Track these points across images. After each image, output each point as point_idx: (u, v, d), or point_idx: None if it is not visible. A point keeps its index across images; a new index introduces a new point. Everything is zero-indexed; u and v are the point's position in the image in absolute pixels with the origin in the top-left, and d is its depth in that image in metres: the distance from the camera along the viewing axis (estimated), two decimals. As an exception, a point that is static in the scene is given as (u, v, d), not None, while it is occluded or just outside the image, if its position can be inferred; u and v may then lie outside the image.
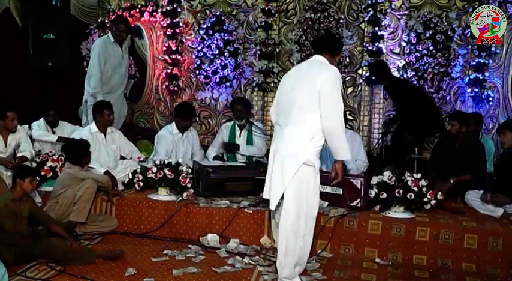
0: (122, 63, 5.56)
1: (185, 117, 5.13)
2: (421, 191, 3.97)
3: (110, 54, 5.42)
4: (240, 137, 5.24)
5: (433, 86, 6.04)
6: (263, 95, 6.73)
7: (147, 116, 7.16)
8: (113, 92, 5.49)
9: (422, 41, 6.02)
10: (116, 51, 5.47)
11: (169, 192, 4.41)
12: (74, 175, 4.09)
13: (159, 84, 7.05)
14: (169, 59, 6.75)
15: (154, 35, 6.99)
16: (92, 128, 4.87)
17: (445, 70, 6.00)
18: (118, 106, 5.50)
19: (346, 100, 6.58)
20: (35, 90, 6.63)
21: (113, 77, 5.49)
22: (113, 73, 5.48)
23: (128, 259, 3.61)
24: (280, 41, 6.64)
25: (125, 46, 5.62)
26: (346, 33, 6.40)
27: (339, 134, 3.16)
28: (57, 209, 4.02)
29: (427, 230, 3.78)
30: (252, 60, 6.72)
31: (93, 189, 4.04)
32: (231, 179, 4.53)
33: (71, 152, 4.22)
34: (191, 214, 4.20)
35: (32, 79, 6.65)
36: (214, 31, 6.63)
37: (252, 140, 5.21)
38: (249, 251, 3.88)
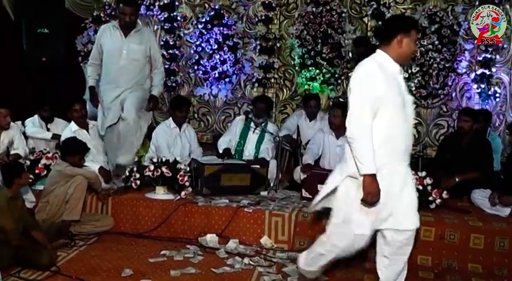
0: (123, 54, 4.70)
1: (180, 107, 5.12)
2: (425, 189, 3.96)
3: (106, 41, 4.75)
4: (254, 133, 5.24)
5: (438, 81, 6.03)
6: (263, 91, 6.72)
7: (144, 113, 7.14)
8: (116, 88, 4.76)
9: (428, 36, 6.02)
10: (114, 38, 4.73)
11: (167, 191, 4.40)
12: (61, 171, 4.08)
13: (157, 80, 7.03)
14: (167, 54, 6.74)
15: (152, 29, 6.98)
16: (72, 126, 4.79)
17: (451, 65, 6.00)
18: (115, 111, 4.76)
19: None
20: (29, 86, 6.61)
21: (111, 68, 4.77)
22: (110, 64, 4.77)
23: (125, 260, 3.61)
24: (281, 36, 6.64)
25: (134, 34, 4.74)
26: (348, 27, 6.39)
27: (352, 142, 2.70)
28: (48, 209, 4.01)
29: (432, 230, 3.77)
30: (252, 55, 6.72)
31: (83, 185, 4.03)
32: (226, 170, 4.52)
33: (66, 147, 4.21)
34: (189, 214, 4.20)
35: (26, 75, 6.63)
36: (213, 25, 6.63)
37: (263, 138, 5.20)
38: (248, 251, 3.87)
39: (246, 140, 5.23)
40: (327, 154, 4.90)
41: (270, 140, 5.20)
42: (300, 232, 3.98)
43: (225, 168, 4.54)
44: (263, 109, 5.23)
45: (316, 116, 5.76)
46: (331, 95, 6.56)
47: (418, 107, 6.34)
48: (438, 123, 6.37)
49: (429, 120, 6.36)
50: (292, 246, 3.97)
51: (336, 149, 4.82)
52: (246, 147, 5.22)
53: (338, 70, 6.39)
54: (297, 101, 6.72)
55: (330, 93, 6.54)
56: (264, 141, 5.20)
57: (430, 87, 6.11)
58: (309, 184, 4.40)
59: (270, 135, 5.19)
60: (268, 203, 4.29)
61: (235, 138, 5.26)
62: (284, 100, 6.86)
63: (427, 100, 6.21)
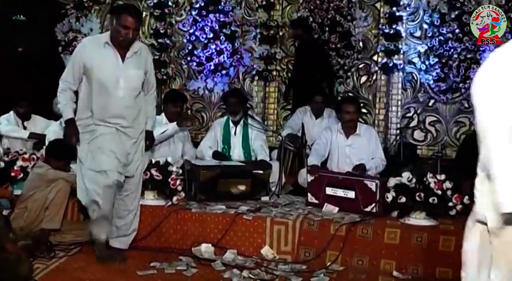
0: (120, 83, 3.72)
1: (174, 100, 5.11)
2: (445, 194, 3.96)
3: (95, 62, 3.70)
4: (236, 134, 5.23)
5: (458, 74, 6.04)
6: (264, 85, 6.73)
7: (132, 109, 7.14)
8: (108, 124, 3.77)
9: (447, 23, 6.02)
10: (107, 59, 3.73)
11: (157, 196, 4.39)
12: (42, 175, 4.07)
13: (145, 72, 7.03)
14: (157, 44, 6.74)
15: (140, 16, 6.97)
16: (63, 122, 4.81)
17: (473, 56, 6.00)
18: (112, 145, 3.76)
19: (360, 91, 6.57)
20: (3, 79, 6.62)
21: (101, 99, 3.75)
22: (102, 94, 3.73)
23: (110, 273, 3.59)
24: (283, 23, 6.64)
25: (132, 55, 3.78)
26: (359, 14, 6.39)
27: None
28: (26, 216, 4.00)
29: (453, 240, 3.76)
30: (252, 45, 6.72)
31: (66, 190, 4.03)
32: (225, 175, 4.52)
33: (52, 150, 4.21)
34: (182, 221, 4.19)
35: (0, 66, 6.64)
36: (208, 12, 6.63)
37: (248, 136, 5.19)
38: (248, 263, 3.86)
39: (231, 145, 5.22)
40: (335, 155, 4.89)
41: (259, 133, 5.17)
42: (305, 242, 3.97)
43: (224, 173, 4.53)
44: (235, 104, 5.19)
45: (322, 113, 5.76)
46: (340, 90, 6.55)
47: (437, 102, 6.35)
48: (459, 120, 6.37)
49: (449, 117, 6.36)
50: (297, 257, 3.95)
51: (345, 149, 4.82)
52: (233, 151, 5.20)
53: (347, 61, 6.39)
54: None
55: (338, 87, 6.54)
56: (252, 138, 5.18)
57: (450, 81, 6.11)
58: (315, 188, 4.39)
59: (256, 129, 5.17)
60: (270, 210, 4.29)
61: (215, 145, 5.23)
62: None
63: (447, 95, 6.21)
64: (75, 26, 6.72)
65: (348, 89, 6.58)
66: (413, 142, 6.40)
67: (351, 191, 4.20)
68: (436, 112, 6.38)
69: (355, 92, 6.61)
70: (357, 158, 4.76)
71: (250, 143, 5.19)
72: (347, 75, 6.49)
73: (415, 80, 6.43)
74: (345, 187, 4.24)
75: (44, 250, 3.85)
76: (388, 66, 6.22)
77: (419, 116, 6.41)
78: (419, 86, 6.42)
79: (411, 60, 6.40)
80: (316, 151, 4.90)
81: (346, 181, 4.28)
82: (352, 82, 6.60)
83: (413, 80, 6.44)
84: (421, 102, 6.44)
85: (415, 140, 6.44)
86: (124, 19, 3.64)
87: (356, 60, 6.46)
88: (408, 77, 6.43)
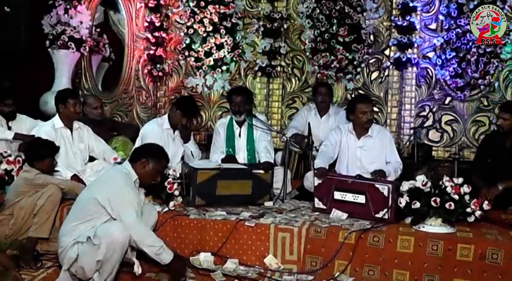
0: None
1: (186, 111, 5.01)
2: (463, 199, 3.96)
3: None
4: (240, 136, 5.23)
5: (477, 70, 6.03)
6: (268, 82, 6.74)
7: (125, 108, 7.17)
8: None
9: (465, 15, 6.01)
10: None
11: (152, 201, 4.41)
12: (31, 180, 4.08)
13: (140, 68, 7.07)
14: (152, 38, 6.77)
15: (134, 8, 7.01)
16: (56, 122, 4.84)
17: (493, 50, 6.00)
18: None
19: (370, 87, 6.58)
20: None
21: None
22: None
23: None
24: (288, 15, 6.65)
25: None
26: (370, 5, 6.40)
27: None
28: (12, 223, 4.01)
29: (471, 248, 3.76)
30: (254, 39, 6.73)
31: (57, 197, 4.04)
32: (223, 176, 4.52)
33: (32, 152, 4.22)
34: (179, 228, 4.20)
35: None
36: (207, 3, 6.63)
37: (253, 138, 5.19)
38: (250, 273, 3.88)
39: (235, 148, 5.24)
40: (345, 157, 4.89)
41: (263, 133, 5.17)
42: (312, 251, 3.97)
43: (222, 174, 4.55)
44: (241, 103, 5.16)
45: (328, 110, 5.76)
46: (349, 87, 6.56)
47: (454, 100, 6.35)
48: (477, 119, 6.36)
49: (466, 116, 6.36)
50: (303, 267, 3.96)
51: (356, 151, 4.81)
52: (238, 155, 5.22)
53: (357, 56, 6.39)
54: (308, 94, 6.72)
55: (347, 84, 6.54)
56: (256, 139, 5.18)
57: (468, 77, 6.10)
58: (323, 192, 4.40)
59: (260, 129, 5.17)
60: (274, 216, 4.29)
61: (221, 148, 5.24)
62: (292, 92, 6.87)
63: (464, 92, 6.21)
64: (63, 18, 6.69)
65: (357, 86, 6.59)
66: (428, 142, 6.40)
67: (361, 196, 4.20)
68: (452, 110, 6.38)
69: (366, 89, 6.61)
70: (368, 161, 4.76)
71: (255, 145, 5.20)
72: (357, 71, 6.49)
73: (430, 76, 6.43)
74: (354, 191, 4.24)
75: (31, 260, 3.87)
76: (401, 61, 6.22)
77: (435, 114, 6.41)
78: (435, 82, 6.42)
79: (426, 55, 6.40)
80: (323, 153, 4.85)
81: (356, 185, 4.27)
82: (363, 78, 6.60)
83: (428, 76, 6.44)
84: (436, 100, 6.44)
85: (430, 141, 6.44)
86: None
87: (366, 55, 6.46)
88: (423, 73, 6.43)
